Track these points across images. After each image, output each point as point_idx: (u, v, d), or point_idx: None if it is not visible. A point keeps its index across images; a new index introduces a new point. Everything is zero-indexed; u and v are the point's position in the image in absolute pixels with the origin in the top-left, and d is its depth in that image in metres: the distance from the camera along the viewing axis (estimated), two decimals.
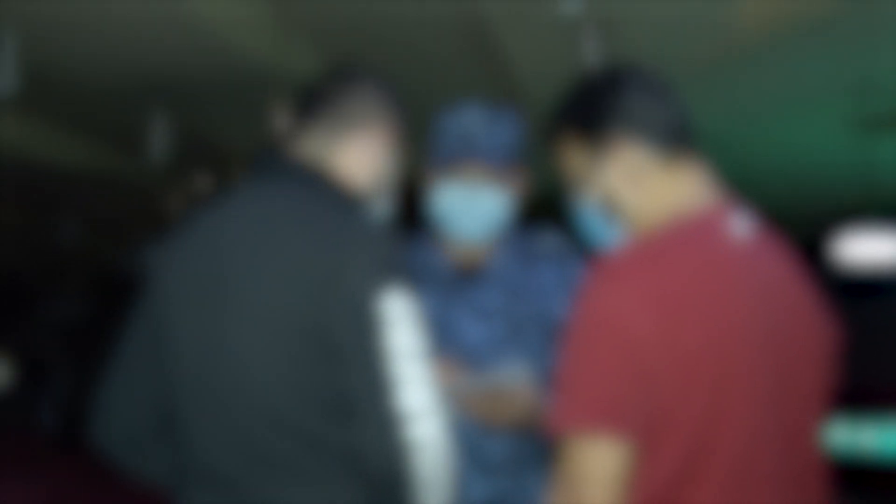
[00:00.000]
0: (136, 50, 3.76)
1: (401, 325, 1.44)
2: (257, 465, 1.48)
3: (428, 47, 3.60)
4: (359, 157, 1.65)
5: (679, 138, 1.47)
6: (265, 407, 1.48)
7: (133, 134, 4.85)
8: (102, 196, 6.61)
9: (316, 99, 1.66)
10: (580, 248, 1.80)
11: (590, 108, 1.48)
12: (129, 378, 1.63)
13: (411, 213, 2.14)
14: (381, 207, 1.72)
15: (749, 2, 3.44)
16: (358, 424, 1.43)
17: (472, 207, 1.93)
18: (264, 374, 1.47)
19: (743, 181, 5.20)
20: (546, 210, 2.94)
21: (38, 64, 3.81)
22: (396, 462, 1.41)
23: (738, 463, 1.33)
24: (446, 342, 1.91)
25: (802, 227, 6.75)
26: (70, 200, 6.90)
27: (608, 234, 1.51)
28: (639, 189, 1.46)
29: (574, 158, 1.51)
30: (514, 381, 1.87)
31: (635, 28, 3.44)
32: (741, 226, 1.45)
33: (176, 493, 1.63)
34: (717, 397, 1.32)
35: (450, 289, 1.98)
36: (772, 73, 4.15)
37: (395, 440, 1.41)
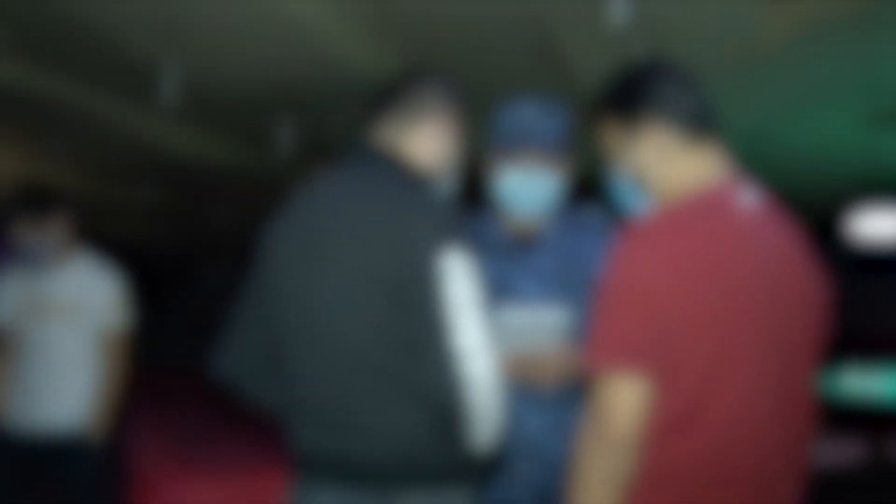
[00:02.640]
0: (264, 66, 3.85)
1: (458, 279, 1.45)
2: (345, 396, 1.51)
3: (500, 49, 3.61)
4: (426, 143, 1.66)
5: (702, 123, 1.45)
6: (351, 349, 1.50)
7: (264, 135, 4.95)
8: (242, 187, 6.78)
9: (391, 95, 1.68)
10: (618, 219, 1.78)
11: (627, 95, 1.48)
12: (245, 325, 1.66)
13: (475, 193, 2.13)
14: (446, 185, 1.73)
15: (778, 8, 3.35)
16: (423, 361, 1.45)
17: (531, 188, 1.92)
18: (351, 321, 1.50)
19: (768, 167, 5.06)
20: (591, 188, 2.91)
21: (191, 81, 3.92)
22: (454, 392, 1.43)
23: (742, 402, 1.32)
24: (508, 299, 1.90)
25: (819, 208, 6.53)
26: (219, 191, 7.08)
27: (637, 202, 1.51)
28: (664, 165, 1.45)
29: (612, 136, 1.51)
30: (545, 323, 1.87)
31: (677, 32, 3.39)
32: (749, 199, 1.43)
33: (285, 418, 1.66)
34: (723, 345, 1.31)
35: (510, 255, 1.98)
36: (794, 72, 4.05)
37: (452, 374, 1.43)
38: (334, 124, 4.63)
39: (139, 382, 3.54)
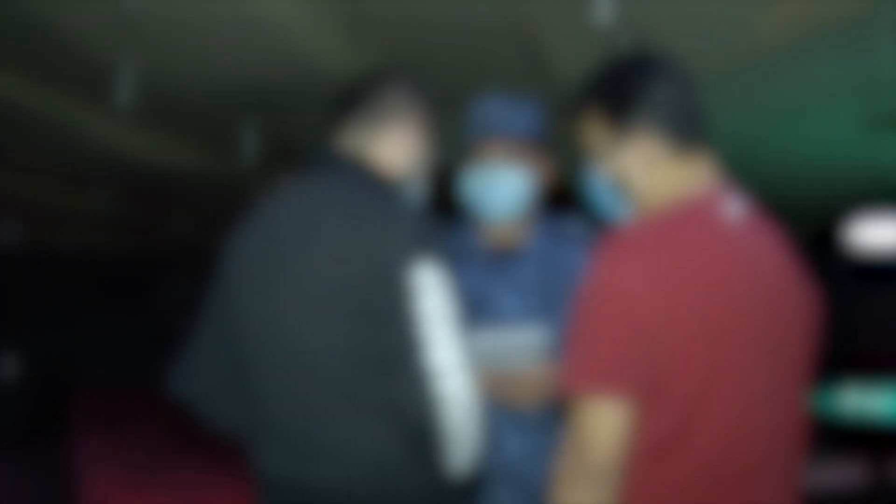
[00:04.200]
0: (228, 66, 3.83)
1: (432, 293, 1.45)
2: (312, 417, 1.50)
3: (479, 50, 3.61)
4: (394, 148, 1.66)
5: (693, 130, 1.43)
6: (318, 367, 1.50)
7: (227, 139, 4.93)
8: (204, 193, 6.73)
9: (356, 97, 1.68)
10: (598, 228, 1.78)
11: (618, 93, 1.43)
12: (206, 343, 1.65)
13: (449, 202, 2.14)
14: (415, 192, 1.72)
15: (773, 8, 3.38)
16: (395, 380, 1.45)
17: (495, 185, 1.89)
18: (318, 338, 1.50)
19: (763, 174, 5.11)
20: (574, 198, 2.92)
21: (149, 82, 3.90)
22: (427, 413, 1.42)
23: (731, 423, 1.31)
24: (486, 314, 1.90)
25: (817, 216, 6.58)
26: (179, 197, 7.02)
27: (614, 208, 1.49)
28: (651, 174, 1.43)
29: (596, 133, 1.47)
30: (525, 344, 1.85)
31: (665, 32, 3.40)
32: (735, 208, 1.42)
33: (246, 441, 1.65)
34: (712, 363, 1.30)
35: (488, 267, 1.96)
36: (790, 74, 4.07)
37: (425, 393, 1.42)
38: (302, 128, 4.62)
39: (92, 399, 3.52)
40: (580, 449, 1.28)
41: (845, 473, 5.10)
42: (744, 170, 1.46)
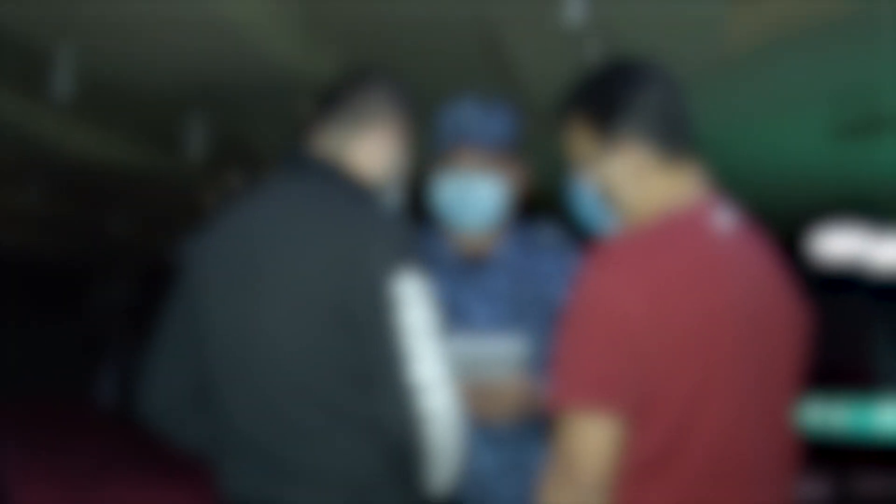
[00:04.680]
0: (175, 58, 3.79)
1: (414, 304, 1.45)
2: (286, 433, 1.48)
3: (442, 51, 3.61)
4: (371, 151, 1.64)
5: (682, 138, 1.43)
6: (294, 380, 1.48)
7: (172, 135, 4.87)
8: (147, 192, 6.68)
9: (334, 99, 1.66)
10: (577, 239, 1.76)
11: (607, 102, 1.43)
12: (169, 355, 1.63)
13: (418, 208, 2.09)
14: (392, 198, 1.71)
15: (741, 14, 3.42)
16: (376, 395, 1.44)
17: (467, 194, 1.89)
18: (293, 350, 1.48)
19: (728, 180, 5.16)
20: (549, 204, 2.89)
21: (90, 72, 3.83)
22: (410, 429, 1.42)
23: (721, 439, 1.32)
24: (456, 323, 1.88)
25: (782, 224, 6.72)
26: (120, 195, 6.96)
27: (600, 219, 1.48)
28: (637, 186, 1.42)
29: (581, 143, 1.46)
30: (502, 353, 1.86)
31: (633, 35, 3.42)
32: (725, 219, 1.42)
33: (213, 461, 1.63)
34: (702, 377, 1.30)
35: (458, 275, 1.96)
36: (758, 80, 4.16)
37: (408, 409, 1.42)
38: (253, 126, 4.60)
39: (22, 411, 3.39)
40: (567, 466, 1.27)
41: (809, 489, 5.16)
42: (709, 176, 1.46)
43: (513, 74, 3.89)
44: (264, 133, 4.78)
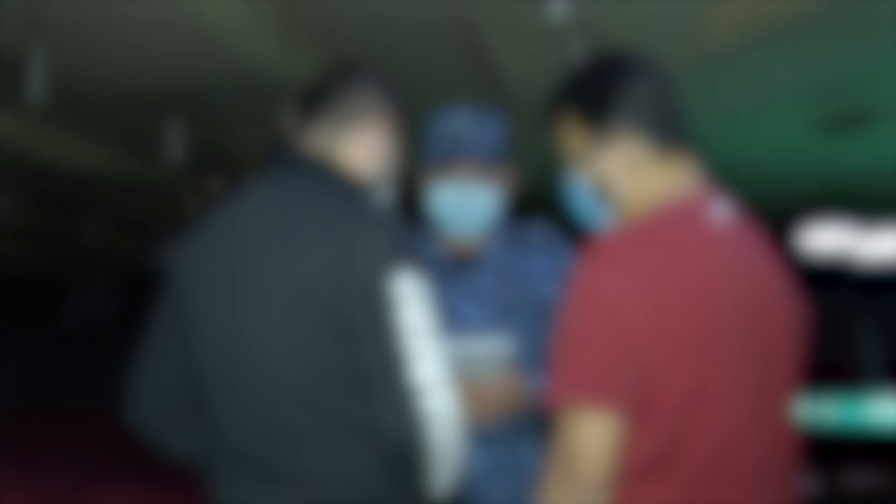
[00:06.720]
0: (152, 61, 3.77)
1: (411, 304, 1.42)
2: (281, 440, 1.46)
3: (422, 50, 3.61)
4: (362, 149, 1.62)
5: (676, 130, 1.43)
6: (287, 385, 1.45)
7: (151, 140, 4.84)
8: (125, 198, 6.63)
9: (320, 96, 1.63)
10: (567, 235, 1.76)
11: (597, 95, 1.42)
12: (156, 363, 1.61)
13: (407, 207, 2.10)
14: (384, 196, 1.69)
15: (723, 9, 3.45)
16: (374, 398, 1.41)
17: (466, 204, 1.91)
18: (285, 354, 1.45)
19: (712, 176, 5.18)
20: (535, 202, 2.90)
21: (64, 76, 3.80)
22: (410, 433, 1.39)
23: (723, 438, 1.31)
24: (444, 323, 1.87)
25: (767, 219, 6.76)
26: (95, 203, 6.91)
27: (595, 214, 1.48)
28: (633, 178, 1.42)
29: (574, 138, 1.46)
30: (491, 353, 1.86)
31: (615, 31, 3.44)
32: (722, 212, 1.42)
33: (203, 470, 1.60)
34: (704, 374, 1.30)
35: (447, 275, 1.96)
36: (740, 76, 4.19)
37: (408, 412, 1.40)
38: (233, 131, 4.57)
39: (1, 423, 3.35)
40: (567, 465, 1.26)
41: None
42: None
43: (495, 72, 3.89)
44: (244, 136, 4.77)
